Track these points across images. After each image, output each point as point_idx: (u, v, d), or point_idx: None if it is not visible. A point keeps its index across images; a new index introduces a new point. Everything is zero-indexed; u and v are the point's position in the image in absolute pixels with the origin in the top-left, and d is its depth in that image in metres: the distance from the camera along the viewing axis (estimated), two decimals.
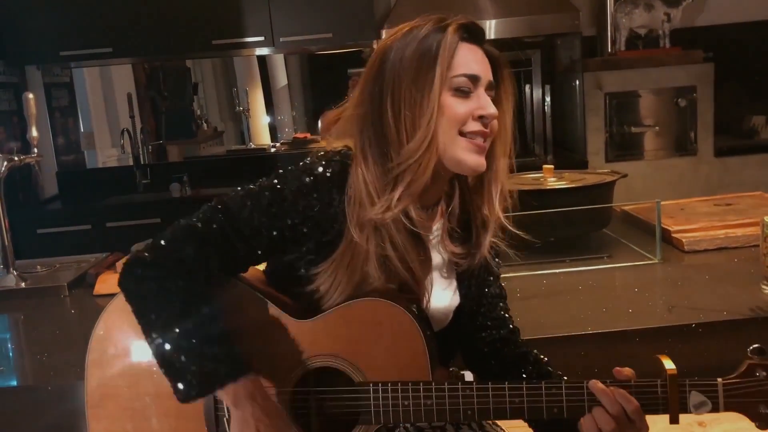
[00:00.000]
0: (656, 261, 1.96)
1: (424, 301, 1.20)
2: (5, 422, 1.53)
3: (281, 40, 3.84)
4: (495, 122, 1.15)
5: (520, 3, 3.74)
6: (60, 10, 3.79)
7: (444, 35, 1.10)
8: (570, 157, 3.94)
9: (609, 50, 3.95)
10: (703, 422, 1.57)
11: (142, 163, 4.27)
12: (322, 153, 1.19)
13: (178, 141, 4.46)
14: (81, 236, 3.66)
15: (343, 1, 3.79)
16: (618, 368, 1.10)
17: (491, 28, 3.68)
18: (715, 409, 1.05)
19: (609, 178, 2.16)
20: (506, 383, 1.10)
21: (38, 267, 2.34)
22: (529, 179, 2.26)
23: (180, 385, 1.08)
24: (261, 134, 4.48)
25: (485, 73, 1.14)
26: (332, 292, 1.15)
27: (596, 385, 1.07)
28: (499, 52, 1.19)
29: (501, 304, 1.31)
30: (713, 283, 1.76)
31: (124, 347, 1.20)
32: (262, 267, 1.27)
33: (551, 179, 2.19)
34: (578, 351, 1.48)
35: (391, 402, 1.11)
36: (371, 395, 1.12)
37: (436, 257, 1.23)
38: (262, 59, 4.39)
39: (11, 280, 2.15)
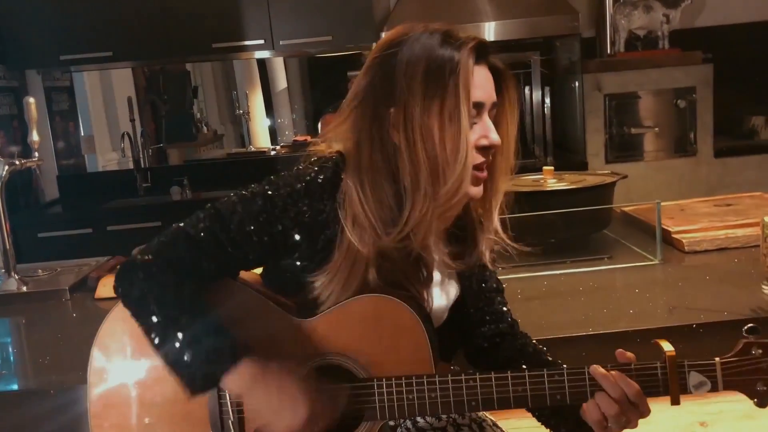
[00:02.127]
0: (657, 262, 1.96)
1: (425, 304, 1.20)
2: (7, 426, 1.53)
3: (281, 43, 3.85)
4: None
5: (519, 5, 3.74)
6: (60, 14, 3.80)
7: (460, 61, 1.06)
8: (570, 159, 3.94)
9: (608, 52, 3.96)
10: (704, 422, 1.57)
11: (142, 166, 4.28)
12: (314, 159, 1.18)
13: (179, 144, 4.47)
14: (82, 240, 3.66)
15: (343, 4, 3.80)
16: (620, 350, 1.10)
17: (490, 31, 3.68)
18: (714, 389, 1.06)
19: (609, 179, 2.16)
20: (509, 372, 1.10)
21: (39, 271, 2.33)
22: (529, 181, 2.26)
23: (185, 379, 1.08)
24: (261, 137, 4.49)
25: (490, 95, 1.12)
26: (331, 296, 1.14)
27: (597, 369, 1.07)
28: (502, 64, 1.15)
29: (499, 298, 1.32)
30: (714, 283, 1.76)
31: (125, 356, 1.20)
32: (258, 270, 1.27)
33: (551, 181, 2.19)
34: (579, 352, 1.48)
35: (396, 396, 1.11)
36: (375, 390, 1.12)
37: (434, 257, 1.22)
38: (261, 62, 4.40)
39: (13, 284, 2.15)
